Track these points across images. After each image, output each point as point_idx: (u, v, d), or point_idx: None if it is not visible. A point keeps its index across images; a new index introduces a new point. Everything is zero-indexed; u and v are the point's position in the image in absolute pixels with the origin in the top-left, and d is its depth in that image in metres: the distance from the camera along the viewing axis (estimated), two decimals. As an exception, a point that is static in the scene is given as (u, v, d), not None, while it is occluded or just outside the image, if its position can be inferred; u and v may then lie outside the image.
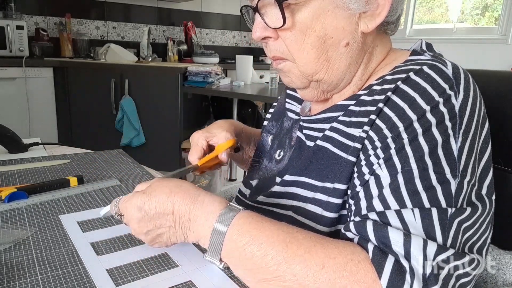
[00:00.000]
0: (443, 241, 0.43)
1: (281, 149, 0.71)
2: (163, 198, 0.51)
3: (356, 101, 0.58)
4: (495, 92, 0.68)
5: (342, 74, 0.59)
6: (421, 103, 0.49)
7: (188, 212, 0.50)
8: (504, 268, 0.62)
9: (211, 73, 2.62)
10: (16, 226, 0.62)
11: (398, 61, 0.59)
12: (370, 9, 0.55)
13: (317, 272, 0.43)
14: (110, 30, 3.46)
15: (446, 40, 3.47)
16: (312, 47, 0.56)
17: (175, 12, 3.80)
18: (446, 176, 0.46)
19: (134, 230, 0.54)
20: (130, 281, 0.49)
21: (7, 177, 0.84)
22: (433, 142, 0.47)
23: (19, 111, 2.60)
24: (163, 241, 0.53)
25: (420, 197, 0.45)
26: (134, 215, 0.52)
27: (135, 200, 0.52)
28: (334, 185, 0.55)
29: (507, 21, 3.15)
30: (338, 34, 0.56)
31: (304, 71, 0.59)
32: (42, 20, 3.10)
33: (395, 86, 0.52)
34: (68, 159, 0.98)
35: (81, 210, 0.69)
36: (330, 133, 0.59)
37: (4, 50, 2.60)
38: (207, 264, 0.53)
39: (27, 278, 0.48)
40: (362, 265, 0.43)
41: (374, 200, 0.48)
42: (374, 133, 0.51)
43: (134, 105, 2.72)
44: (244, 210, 0.50)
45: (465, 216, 0.45)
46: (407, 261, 0.42)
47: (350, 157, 0.54)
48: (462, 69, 0.52)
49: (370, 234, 0.45)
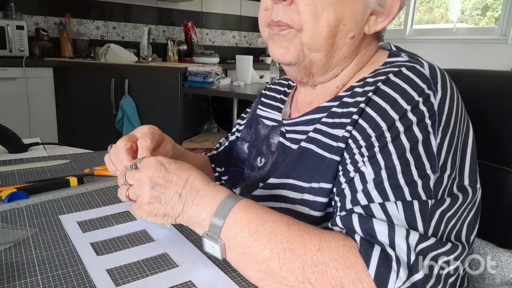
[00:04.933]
0: (424, 231, 0.45)
1: (261, 156, 0.72)
2: (185, 168, 0.54)
3: (339, 103, 0.60)
4: (495, 92, 0.68)
5: (335, 64, 0.61)
6: (402, 103, 0.51)
7: (199, 187, 0.52)
8: (503, 265, 0.62)
9: (211, 73, 2.62)
10: (16, 226, 0.62)
11: (377, 63, 0.61)
12: (379, 12, 0.58)
13: (314, 253, 0.45)
14: (110, 30, 3.46)
15: (446, 40, 3.47)
16: (327, 25, 0.56)
17: (175, 12, 3.80)
18: (426, 172, 0.48)
19: (140, 184, 0.52)
20: (130, 281, 0.49)
21: (7, 177, 0.84)
22: (414, 140, 0.49)
23: (19, 111, 2.60)
24: (160, 204, 0.52)
25: (402, 191, 0.47)
26: (153, 166, 0.52)
27: (160, 157, 0.54)
28: (320, 185, 0.56)
29: (507, 21, 3.15)
30: (351, 24, 0.57)
31: (309, 44, 0.58)
32: (42, 20, 3.10)
33: (376, 87, 0.54)
34: (68, 159, 0.98)
35: (81, 210, 0.69)
36: (314, 134, 0.60)
37: (4, 50, 2.60)
38: (207, 264, 0.53)
39: (27, 278, 0.48)
40: (352, 251, 0.45)
41: (358, 194, 0.49)
42: (358, 133, 0.53)
43: (134, 105, 2.72)
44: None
45: (446, 207, 0.47)
46: (392, 250, 0.43)
47: (334, 157, 0.55)
48: (438, 68, 0.55)
49: (356, 226, 0.46)
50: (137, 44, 3.38)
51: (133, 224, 0.64)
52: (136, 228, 0.63)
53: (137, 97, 2.74)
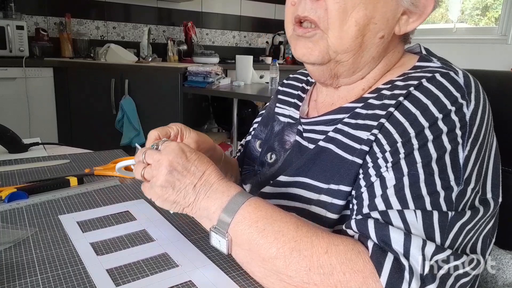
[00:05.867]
0: (441, 242, 0.44)
1: (271, 152, 0.71)
2: (204, 160, 0.54)
3: (364, 104, 0.58)
4: (495, 92, 0.68)
5: (363, 66, 0.59)
6: (434, 110, 0.49)
7: (213, 181, 0.52)
8: (504, 268, 0.62)
9: (211, 73, 2.62)
10: (16, 226, 0.62)
11: (406, 66, 0.59)
12: (411, 11, 0.56)
13: (321, 255, 0.44)
14: (110, 30, 3.46)
15: (446, 40, 3.47)
16: (355, 24, 0.54)
17: (175, 12, 3.80)
18: (450, 183, 0.47)
19: (158, 165, 0.52)
20: (130, 281, 0.49)
21: (7, 177, 0.84)
22: (442, 150, 0.48)
23: (19, 111, 2.60)
24: (174, 190, 0.52)
25: (423, 200, 0.46)
26: (175, 152, 0.52)
27: (183, 145, 0.54)
28: (339, 187, 0.55)
29: (507, 21, 3.15)
30: (381, 23, 0.55)
31: (335, 44, 0.56)
32: (42, 20, 3.10)
33: (407, 92, 0.52)
34: (68, 159, 0.98)
35: (81, 210, 0.69)
36: (333, 134, 0.59)
37: (4, 50, 2.60)
38: (207, 264, 0.53)
39: (27, 278, 0.48)
40: (361, 256, 0.44)
41: (376, 199, 0.49)
42: (383, 137, 0.51)
43: (134, 105, 2.72)
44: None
45: (466, 219, 0.46)
46: (406, 259, 0.43)
47: (356, 159, 0.53)
48: (472, 77, 0.53)
49: (371, 232, 0.46)
50: (137, 44, 3.38)
51: (133, 224, 0.64)
52: (136, 228, 0.63)
53: (137, 97, 2.74)
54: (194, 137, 0.66)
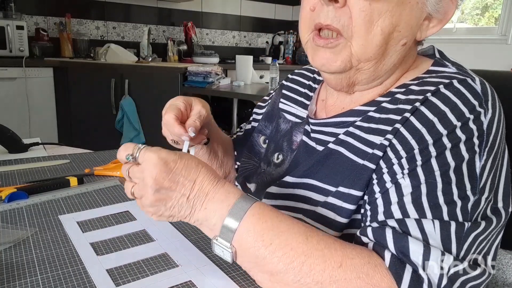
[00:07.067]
0: (456, 253, 0.44)
1: (279, 152, 0.69)
2: (192, 165, 0.49)
3: (377, 108, 0.57)
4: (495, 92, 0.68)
5: (383, 73, 0.57)
6: (452, 118, 0.48)
7: (208, 188, 0.48)
8: (504, 268, 0.62)
9: (211, 73, 2.62)
10: (16, 226, 0.62)
11: (419, 70, 0.58)
12: (433, 17, 0.54)
13: (334, 269, 0.43)
14: (110, 30, 3.46)
15: (446, 40, 3.47)
16: (381, 33, 0.52)
17: (175, 12, 3.80)
18: (466, 193, 0.46)
19: (143, 185, 0.48)
20: (130, 281, 0.49)
21: (7, 177, 0.84)
22: (460, 159, 0.47)
23: (19, 111, 2.60)
24: (166, 207, 0.48)
25: (440, 210, 0.45)
26: (157, 167, 0.47)
27: (164, 153, 0.48)
28: (349, 191, 0.53)
29: (507, 21, 3.15)
30: (405, 31, 0.53)
31: (358, 54, 0.53)
32: (42, 20, 3.10)
33: (424, 98, 0.51)
34: (68, 159, 0.98)
35: (81, 210, 0.69)
36: (344, 137, 0.57)
37: (4, 50, 2.60)
38: (207, 264, 0.53)
39: (27, 278, 0.48)
40: (378, 269, 0.43)
41: (392, 206, 0.48)
42: (398, 142, 0.50)
43: (134, 105, 2.72)
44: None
45: (480, 230, 0.46)
46: (424, 272, 0.42)
47: (368, 164, 0.52)
48: (488, 85, 0.52)
49: (389, 242, 0.45)
50: (137, 44, 3.38)
51: (133, 224, 0.64)
52: (136, 228, 0.63)
53: (137, 97, 2.73)
54: (199, 104, 0.65)
